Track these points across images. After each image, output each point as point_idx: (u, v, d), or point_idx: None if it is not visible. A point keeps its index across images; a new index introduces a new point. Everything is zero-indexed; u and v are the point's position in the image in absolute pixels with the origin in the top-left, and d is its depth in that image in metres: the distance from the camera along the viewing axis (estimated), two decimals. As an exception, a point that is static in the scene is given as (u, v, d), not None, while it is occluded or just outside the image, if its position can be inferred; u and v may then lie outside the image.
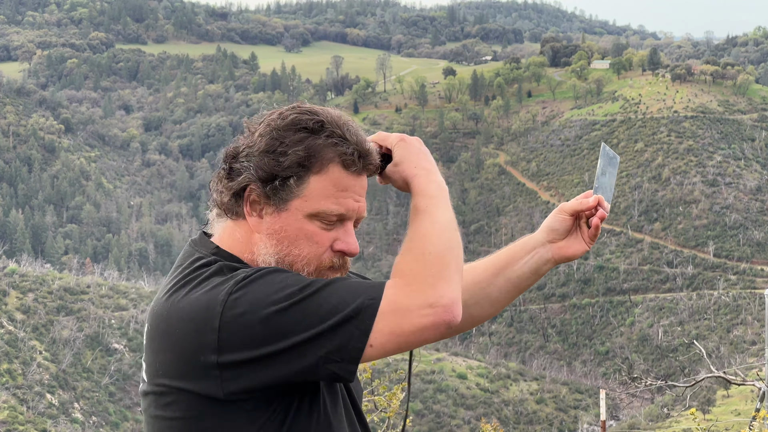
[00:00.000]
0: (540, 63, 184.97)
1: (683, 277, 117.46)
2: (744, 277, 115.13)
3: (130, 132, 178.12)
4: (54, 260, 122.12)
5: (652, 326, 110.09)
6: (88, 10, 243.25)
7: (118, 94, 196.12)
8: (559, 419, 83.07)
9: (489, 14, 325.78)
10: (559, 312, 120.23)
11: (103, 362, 74.84)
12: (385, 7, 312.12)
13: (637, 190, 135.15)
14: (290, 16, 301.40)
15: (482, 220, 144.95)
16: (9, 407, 58.96)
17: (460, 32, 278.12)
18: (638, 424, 64.91)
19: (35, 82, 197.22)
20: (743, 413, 48.32)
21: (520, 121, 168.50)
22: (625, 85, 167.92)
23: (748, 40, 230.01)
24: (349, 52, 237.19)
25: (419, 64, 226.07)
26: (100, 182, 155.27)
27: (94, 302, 79.99)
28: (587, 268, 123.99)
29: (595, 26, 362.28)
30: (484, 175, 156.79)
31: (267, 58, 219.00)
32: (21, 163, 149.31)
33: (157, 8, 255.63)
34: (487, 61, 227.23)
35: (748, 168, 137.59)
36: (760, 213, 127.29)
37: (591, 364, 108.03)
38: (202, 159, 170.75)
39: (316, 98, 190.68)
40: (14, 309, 75.13)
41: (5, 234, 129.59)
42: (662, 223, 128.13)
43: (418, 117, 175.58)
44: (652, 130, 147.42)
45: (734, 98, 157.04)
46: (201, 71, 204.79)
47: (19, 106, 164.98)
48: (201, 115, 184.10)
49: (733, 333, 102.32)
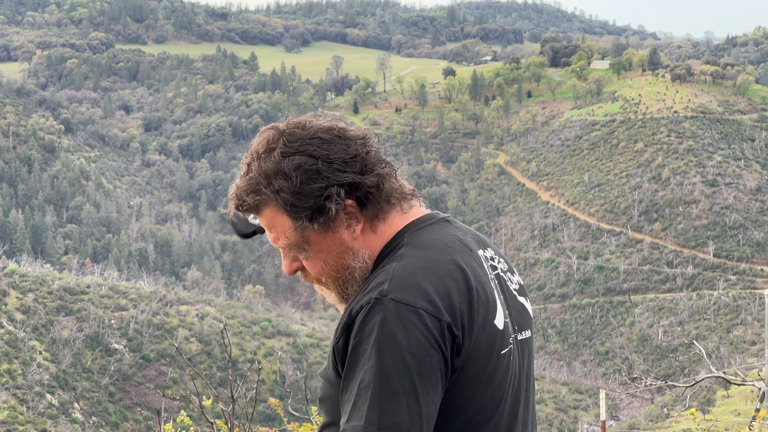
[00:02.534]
0: (540, 63, 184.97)
1: (683, 277, 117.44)
2: (744, 277, 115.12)
3: (130, 132, 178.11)
4: (54, 260, 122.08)
5: (652, 326, 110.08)
6: (88, 10, 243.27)
7: (118, 94, 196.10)
8: (559, 419, 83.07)
9: (489, 14, 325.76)
10: (559, 312, 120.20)
11: (103, 362, 74.80)
12: (385, 7, 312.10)
13: (637, 190, 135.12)
14: (290, 16, 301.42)
15: (482, 220, 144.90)
16: (9, 407, 58.95)
17: (460, 32, 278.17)
18: (638, 424, 64.90)
19: (35, 82, 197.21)
20: (743, 413, 48.34)
21: (520, 121, 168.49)
22: (625, 85, 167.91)
23: (748, 40, 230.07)
24: (349, 52, 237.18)
25: (419, 64, 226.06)
26: (100, 182, 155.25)
27: (94, 302, 79.96)
28: (587, 268, 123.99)
29: (595, 26, 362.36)
30: (484, 175, 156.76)
31: (267, 58, 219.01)
32: (21, 163, 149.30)
33: (157, 8, 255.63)
34: (487, 61, 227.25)
35: (748, 168, 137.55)
36: (760, 213, 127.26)
37: (591, 364, 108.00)
38: (202, 159, 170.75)
39: (316, 98, 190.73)
40: (14, 309, 75.12)
41: (5, 234, 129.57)
42: (662, 223, 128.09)
43: (418, 117, 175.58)
44: (652, 130, 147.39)
45: (734, 98, 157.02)
46: (201, 71, 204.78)
47: (19, 106, 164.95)
48: (201, 115, 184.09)
49: (733, 333, 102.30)
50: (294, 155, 2.68)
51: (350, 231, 2.74)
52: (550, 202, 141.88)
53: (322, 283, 2.85)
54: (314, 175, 2.66)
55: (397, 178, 2.84)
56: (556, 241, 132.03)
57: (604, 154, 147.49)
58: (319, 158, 2.67)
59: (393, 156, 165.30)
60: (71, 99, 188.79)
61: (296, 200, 2.68)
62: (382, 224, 2.80)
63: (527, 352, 2.93)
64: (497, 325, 2.75)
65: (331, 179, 2.67)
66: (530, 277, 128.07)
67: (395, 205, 2.81)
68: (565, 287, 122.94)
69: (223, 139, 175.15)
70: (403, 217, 2.83)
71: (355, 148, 2.73)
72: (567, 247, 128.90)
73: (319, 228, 2.71)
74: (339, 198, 2.68)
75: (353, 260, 2.76)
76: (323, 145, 2.69)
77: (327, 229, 2.72)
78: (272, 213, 2.73)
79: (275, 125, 2.78)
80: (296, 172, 2.66)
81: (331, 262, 2.78)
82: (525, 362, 2.90)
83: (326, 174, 2.66)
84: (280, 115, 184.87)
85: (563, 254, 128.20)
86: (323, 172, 2.66)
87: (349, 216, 2.73)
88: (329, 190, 2.66)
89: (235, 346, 74.95)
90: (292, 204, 2.68)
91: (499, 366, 2.74)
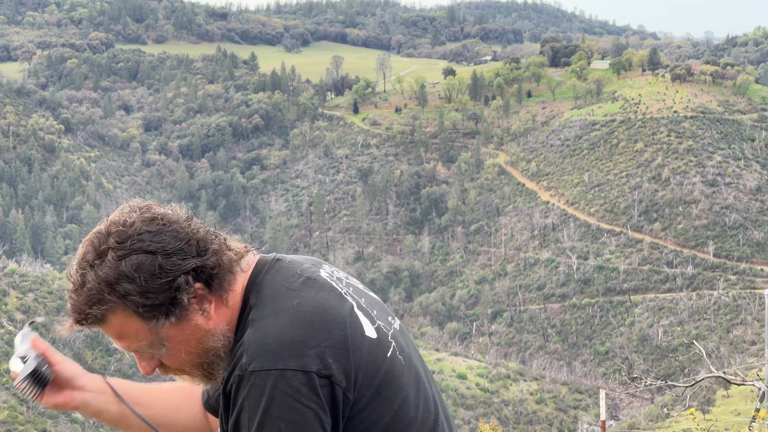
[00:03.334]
0: (540, 63, 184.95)
1: (683, 277, 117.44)
2: (744, 277, 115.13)
3: (130, 132, 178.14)
4: (54, 260, 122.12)
5: (652, 326, 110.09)
6: (88, 10, 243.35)
7: (118, 94, 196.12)
8: (559, 419, 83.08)
9: (489, 14, 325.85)
10: (559, 312, 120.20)
11: (103, 362, 74.86)
12: (385, 7, 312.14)
13: (637, 190, 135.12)
14: (290, 16, 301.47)
15: (482, 220, 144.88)
16: (9, 407, 58.97)
17: (460, 32, 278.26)
18: (638, 424, 64.87)
19: (35, 82, 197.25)
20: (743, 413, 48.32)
21: (519, 121, 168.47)
22: (625, 85, 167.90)
23: (748, 40, 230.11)
24: (349, 52, 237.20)
25: (419, 64, 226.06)
26: (100, 182, 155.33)
27: (94, 302, 79.92)
28: (587, 268, 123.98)
29: (595, 26, 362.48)
30: (484, 175, 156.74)
31: (267, 58, 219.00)
32: (21, 163, 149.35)
33: (157, 8, 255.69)
34: (486, 61, 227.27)
35: (748, 168, 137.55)
36: (760, 213, 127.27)
37: (591, 364, 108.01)
38: (202, 159, 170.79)
39: (316, 98, 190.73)
40: (14, 309, 75.15)
41: (5, 234, 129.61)
42: (662, 223, 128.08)
43: (418, 117, 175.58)
44: (652, 130, 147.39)
45: (734, 98, 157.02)
46: (201, 71, 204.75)
47: (19, 106, 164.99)
48: (201, 115, 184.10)
49: (733, 333, 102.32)
50: (130, 255, 2.57)
51: (205, 315, 2.68)
52: (550, 202, 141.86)
53: (186, 373, 2.79)
54: (157, 270, 2.56)
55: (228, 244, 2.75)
56: (556, 241, 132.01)
57: (604, 154, 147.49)
58: (156, 252, 2.57)
59: (393, 156, 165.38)
60: (71, 99, 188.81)
61: (146, 300, 2.57)
62: (231, 295, 2.73)
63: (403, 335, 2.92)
64: (370, 336, 2.71)
65: (175, 270, 2.58)
66: (530, 277, 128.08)
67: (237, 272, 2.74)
68: (565, 287, 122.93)
69: (223, 139, 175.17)
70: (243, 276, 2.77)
71: (185, 232, 2.64)
72: (567, 247, 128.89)
73: (175, 321, 2.63)
74: (188, 286, 2.60)
75: (214, 341, 2.70)
76: (155, 238, 2.59)
77: (182, 320, 2.64)
78: (121, 319, 2.65)
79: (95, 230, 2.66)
80: (138, 272, 2.56)
81: (193, 350, 2.71)
82: (409, 344, 2.90)
83: (168, 267, 2.57)
84: (281, 115, 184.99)
85: (563, 254, 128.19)
86: (165, 266, 2.57)
87: (200, 300, 2.65)
88: (177, 281, 2.58)
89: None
90: (143, 305, 2.58)
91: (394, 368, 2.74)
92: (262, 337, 2.59)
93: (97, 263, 2.59)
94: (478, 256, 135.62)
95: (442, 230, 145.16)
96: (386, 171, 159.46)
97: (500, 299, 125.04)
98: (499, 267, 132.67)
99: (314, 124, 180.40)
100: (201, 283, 2.64)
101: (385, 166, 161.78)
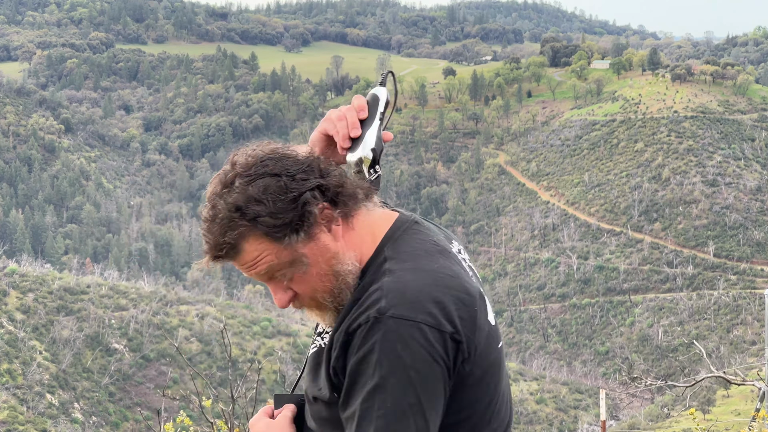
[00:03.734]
0: (540, 63, 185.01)
1: (683, 277, 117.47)
2: (744, 277, 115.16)
3: (130, 132, 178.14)
4: (54, 260, 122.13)
5: (652, 326, 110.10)
6: (88, 10, 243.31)
7: (118, 94, 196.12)
8: (559, 419, 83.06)
9: (489, 14, 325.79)
10: (559, 312, 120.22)
11: (103, 362, 74.84)
12: (385, 7, 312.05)
13: (637, 190, 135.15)
14: (290, 16, 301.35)
15: (482, 220, 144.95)
16: (9, 407, 59.00)
17: (460, 32, 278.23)
18: (638, 424, 64.86)
19: (35, 82, 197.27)
20: (743, 413, 48.33)
21: (520, 121, 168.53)
22: (625, 85, 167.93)
23: (748, 40, 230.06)
24: (349, 52, 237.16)
25: (419, 64, 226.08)
26: (100, 182, 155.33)
27: (94, 302, 79.99)
28: (587, 268, 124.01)
29: (595, 26, 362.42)
30: (484, 175, 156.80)
31: (267, 58, 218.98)
32: (21, 163, 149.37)
33: (157, 8, 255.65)
34: (487, 61, 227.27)
35: (748, 168, 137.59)
36: (760, 213, 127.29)
37: (591, 364, 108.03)
38: (202, 159, 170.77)
39: (316, 98, 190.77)
40: (14, 309, 75.15)
41: (5, 234, 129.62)
42: (662, 223, 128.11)
43: (418, 117, 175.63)
44: (652, 130, 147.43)
45: (734, 98, 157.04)
46: (201, 71, 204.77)
47: (19, 106, 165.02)
48: (201, 115, 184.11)
49: (733, 333, 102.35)
50: (255, 180, 2.64)
51: (333, 234, 2.72)
52: (550, 202, 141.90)
53: (317, 302, 2.78)
54: (283, 190, 2.63)
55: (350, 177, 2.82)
56: (556, 241, 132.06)
57: (604, 154, 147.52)
58: (281, 174, 2.65)
59: (393, 156, 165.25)
60: (71, 99, 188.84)
61: (276, 220, 2.62)
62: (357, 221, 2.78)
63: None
64: (490, 321, 2.77)
65: (300, 187, 2.65)
66: (530, 277, 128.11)
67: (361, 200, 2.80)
68: (565, 287, 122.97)
69: (223, 139, 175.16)
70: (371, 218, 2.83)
71: (305, 157, 2.72)
72: (567, 247, 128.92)
73: (305, 238, 2.66)
74: (315, 200, 2.66)
75: (342, 265, 2.72)
76: (278, 163, 2.67)
77: (311, 238, 2.67)
78: (254, 245, 2.66)
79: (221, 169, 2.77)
80: (265, 194, 2.62)
81: (323, 272, 2.72)
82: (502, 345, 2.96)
83: (293, 186, 2.64)
84: (281, 115, 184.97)
85: (563, 254, 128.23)
86: (290, 185, 2.64)
87: (327, 219, 2.70)
88: (304, 197, 2.64)
89: (235, 346, 74.94)
90: (273, 225, 2.63)
91: (499, 359, 2.81)
92: (404, 287, 2.61)
93: (226, 192, 2.67)
94: (478, 256, 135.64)
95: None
96: (386, 171, 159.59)
97: (500, 299, 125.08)
98: (499, 267, 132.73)
99: (314, 124, 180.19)
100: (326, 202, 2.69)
101: (385, 166, 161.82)
